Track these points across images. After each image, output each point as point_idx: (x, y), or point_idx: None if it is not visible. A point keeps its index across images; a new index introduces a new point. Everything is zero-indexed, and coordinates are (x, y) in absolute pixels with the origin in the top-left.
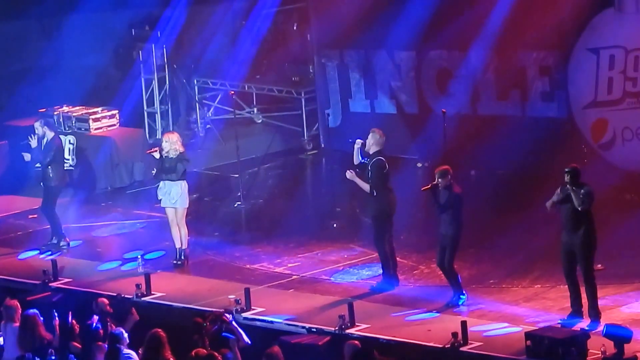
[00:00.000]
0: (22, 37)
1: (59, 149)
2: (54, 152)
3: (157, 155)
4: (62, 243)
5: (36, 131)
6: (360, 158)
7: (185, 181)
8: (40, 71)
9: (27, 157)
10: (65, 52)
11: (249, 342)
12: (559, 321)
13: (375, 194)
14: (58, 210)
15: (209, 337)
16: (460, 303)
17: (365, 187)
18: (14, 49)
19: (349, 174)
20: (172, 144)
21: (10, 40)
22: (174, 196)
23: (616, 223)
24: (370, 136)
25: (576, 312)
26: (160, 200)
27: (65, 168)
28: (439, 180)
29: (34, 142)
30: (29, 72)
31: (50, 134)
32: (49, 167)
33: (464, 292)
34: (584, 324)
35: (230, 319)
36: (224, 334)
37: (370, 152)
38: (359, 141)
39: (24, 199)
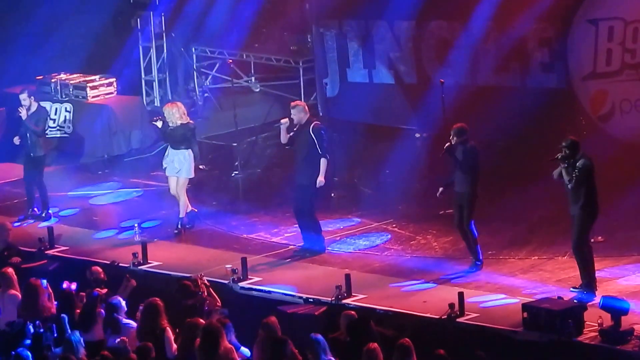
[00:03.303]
0: (18, 3)
1: (45, 117)
2: (44, 121)
3: (159, 124)
4: (31, 212)
5: (23, 102)
6: (287, 135)
7: (190, 150)
8: (37, 38)
9: (16, 140)
10: (63, 19)
11: (219, 305)
12: (571, 289)
13: (328, 157)
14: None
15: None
16: (473, 270)
17: (324, 163)
18: (11, 15)
19: (320, 182)
20: (171, 114)
21: (8, 6)
22: (177, 165)
23: (614, 195)
24: (295, 111)
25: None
26: (165, 168)
27: (57, 136)
28: (455, 138)
29: (23, 114)
30: (25, 39)
31: (34, 105)
32: (40, 137)
33: (480, 258)
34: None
35: (206, 280)
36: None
37: (305, 123)
38: (284, 120)
39: (20, 166)
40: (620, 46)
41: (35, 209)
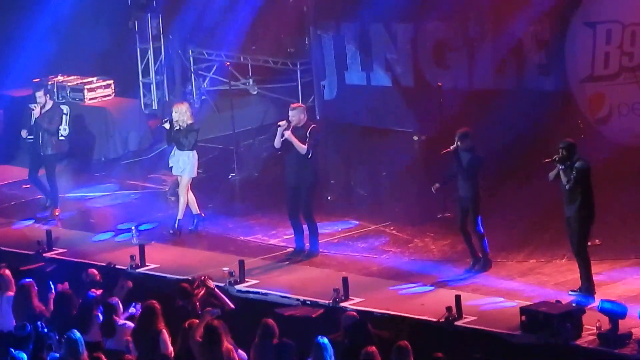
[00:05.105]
0: (16, 4)
1: (60, 116)
2: (59, 120)
3: (167, 126)
4: (56, 212)
5: (38, 100)
6: (282, 139)
7: (194, 151)
8: (35, 40)
9: (24, 133)
10: (60, 21)
11: (233, 306)
12: (570, 292)
13: (310, 156)
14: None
15: (200, 302)
16: (471, 272)
17: (300, 146)
18: (8, 16)
19: (287, 133)
20: (181, 114)
21: (5, 8)
22: (182, 165)
23: (612, 198)
24: (294, 112)
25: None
26: (172, 167)
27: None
28: (458, 143)
29: (37, 111)
30: (23, 40)
31: (49, 103)
32: (52, 136)
33: (487, 251)
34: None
35: (213, 284)
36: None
37: (302, 126)
38: (282, 122)
39: (17, 168)
40: (618, 49)
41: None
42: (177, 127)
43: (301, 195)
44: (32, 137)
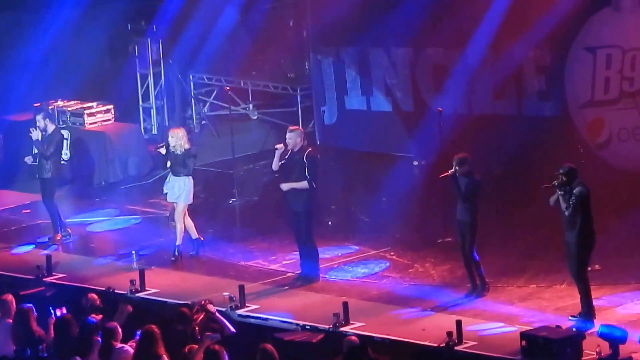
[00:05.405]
0: (16, 29)
1: (59, 141)
2: (56, 145)
3: (163, 151)
4: (63, 233)
5: (38, 124)
6: (280, 162)
7: (190, 177)
8: (35, 64)
9: (29, 160)
10: (61, 46)
11: (234, 330)
12: (570, 317)
13: (315, 186)
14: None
15: (199, 327)
16: (471, 297)
17: (304, 184)
18: (8, 41)
19: (285, 186)
20: (178, 139)
21: (4, 32)
22: (177, 191)
23: (612, 223)
24: (291, 135)
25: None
26: (166, 194)
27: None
28: (457, 168)
29: (35, 134)
30: (23, 65)
31: (51, 127)
32: (48, 160)
33: (485, 280)
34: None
35: (214, 309)
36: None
37: (297, 150)
38: (279, 145)
39: (17, 193)
40: (619, 74)
41: (66, 229)
42: (175, 152)
43: (301, 220)
44: (36, 162)
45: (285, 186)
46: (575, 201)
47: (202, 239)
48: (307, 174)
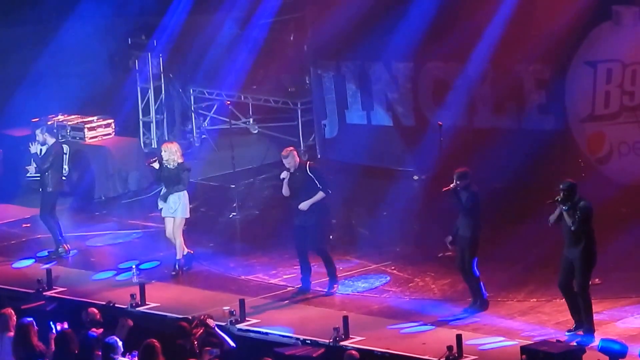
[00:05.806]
0: (17, 44)
1: (58, 155)
2: (53, 158)
3: (156, 165)
4: (60, 249)
5: (37, 138)
6: (288, 190)
7: (185, 191)
8: (36, 79)
9: (32, 169)
10: (61, 60)
11: (234, 345)
12: (566, 333)
13: (330, 192)
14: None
15: (198, 342)
16: (471, 311)
17: (320, 195)
18: (9, 56)
19: (304, 205)
20: (171, 153)
21: (6, 47)
22: (172, 205)
23: (612, 237)
24: (288, 159)
25: (579, 322)
26: (161, 209)
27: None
28: (457, 182)
29: (33, 148)
30: (24, 80)
31: (51, 140)
32: (47, 173)
33: (485, 295)
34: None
35: (214, 323)
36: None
37: (298, 167)
38: (284, 173)
39: (17, 207)
40: (619, 88)
41: (63, 245)
42: (167, 166)
43: (310, 232)
44: (37, 174)
45: (304, 205)
46: (580, 216)
47: (192, 252)
48: (318, 184)
